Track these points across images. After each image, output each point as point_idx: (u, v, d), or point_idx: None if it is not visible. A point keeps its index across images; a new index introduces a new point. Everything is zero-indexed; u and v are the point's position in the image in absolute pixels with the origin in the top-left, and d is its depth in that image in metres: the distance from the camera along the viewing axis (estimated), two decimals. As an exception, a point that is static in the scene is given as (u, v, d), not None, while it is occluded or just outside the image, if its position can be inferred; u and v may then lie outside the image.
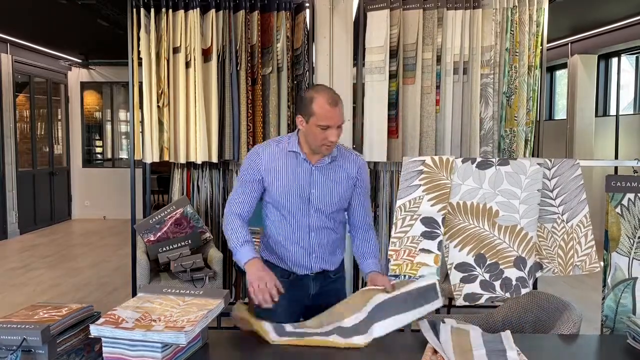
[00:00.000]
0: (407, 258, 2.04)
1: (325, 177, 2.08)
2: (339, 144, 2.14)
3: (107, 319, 1.54)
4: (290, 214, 2.09)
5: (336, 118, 1.94)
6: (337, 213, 2.13)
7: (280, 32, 3.91)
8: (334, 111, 1.93)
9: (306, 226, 2.09)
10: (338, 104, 1.96)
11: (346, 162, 2.13)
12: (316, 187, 2.07)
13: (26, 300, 4.75)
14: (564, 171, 2.04)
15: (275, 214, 2.12)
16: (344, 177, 2.10)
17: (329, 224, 2.11)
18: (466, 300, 2.00)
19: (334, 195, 2.09)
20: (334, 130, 1.95)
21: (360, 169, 2.14)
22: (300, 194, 2.06)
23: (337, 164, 2.11)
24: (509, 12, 3.73)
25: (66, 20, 6.56)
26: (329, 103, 1.94)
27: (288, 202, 2.07)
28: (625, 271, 1.96)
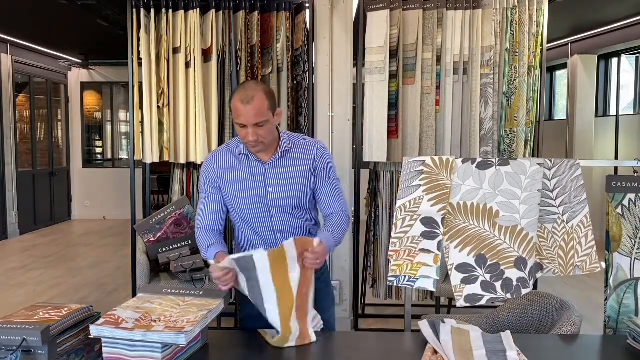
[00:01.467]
0: (407, 258, 2.04)
1: (280, 173, 2.00)
2: (295, 134, 2.09)
3: (107, 320, 1.54)
4: (252, 219, 2.03)
5: (248, 116, 1.84)
6: (302, 209, 2.05)
7: (280, 32, 3.91)
8: (244, 109, 1.84)
9: (270, 229, 2.03)
10: (251, 101, 1.84)
11: (301, 152, 2.03)
12: (272, 186, 1.99)
13: (26, 301, 4.75)
14: (564, 171, 2.04)
15: (239, 221, 2.07)
16: (301, 170, 2.01)
17: (295, 222, 2.04)
18: (467, 301, 2.00)
19: (293, 191, 2.00)
20: (250, 129, 1.86)
21: (315, 155, 2.03)
22: (257, 196, 1.99)
23: (291, 157, 2.01)
24: (509, 12, 3.73)
25: (66, 20, 6.56)
26: (241, 100, 1.86)
27: (247, 206, 2.01)
28: (627, 272, 1.96)
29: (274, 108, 1.94)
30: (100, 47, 8.34)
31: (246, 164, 2.00)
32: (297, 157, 2.02)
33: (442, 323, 1.78)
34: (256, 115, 1.85)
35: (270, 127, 1.92)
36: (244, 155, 2.00)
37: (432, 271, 2.01)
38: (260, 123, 1.87)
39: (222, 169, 2.02)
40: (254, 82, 2.02)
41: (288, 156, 2.01)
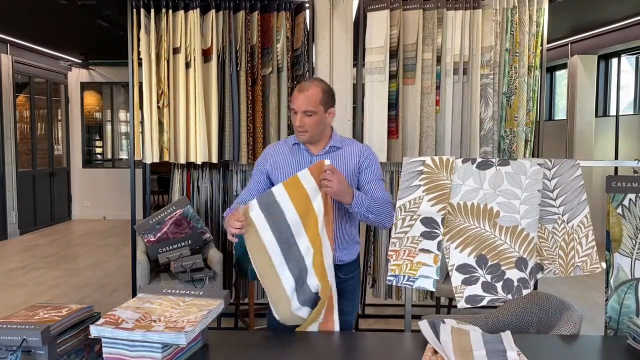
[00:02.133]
0: (406, 258, 2.04)
1: None
2: (347, 138, 2.26)
3: (107, 320, 1.54)
4: None
5: (299, 102, 2.05)
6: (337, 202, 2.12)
7: (280, 32, 3.91)
8: (298, 96, 2.06)
9: None
10: (305, 90, 2.06)
11: (349, 150, 2.18)
12: None
13: (26, 301, 4.75)
14: (565, 171, 2.04)
15: None
16: (347, 165, 2.14)
17: (336, 212, 2.11)
18: (468, 302, 1.99)
19: None
20: (299, 115, 2.06)
21: (362, 154, 2.17)
22: None
23: (339, 154, 2.16)
24: (509, 12, 3.73)
25: (66, 20, 6.57)
26: (298, 89, 2.09)
27: None
28: (628, 272, 1.96)
29: (328, 106, 2.13)
30: (100, 47, 8.35)
31: (297, 153, 2.19)
32: (346, 154, 2.18)
33: (442, 323, 1.78)
34: (306, 104, 2.05)
35: (317, 120, 2.09)
36: (297, 144, 2.19)
37: (431, 271, 2.00)
38: (308, 112, 2.06)
39: (275, 155, 2.21)
40: (319, 79, 2.21)
41: (337, 152, 2.17)
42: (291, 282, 1.94)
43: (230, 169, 4.16)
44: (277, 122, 3.96)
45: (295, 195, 1.92)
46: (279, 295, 1.94)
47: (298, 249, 1.94)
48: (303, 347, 1.75)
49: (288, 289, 1.93)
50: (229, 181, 4.17)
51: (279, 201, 1.91)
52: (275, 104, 3.93)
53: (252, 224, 1.91)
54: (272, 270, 1.94)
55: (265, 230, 1.92)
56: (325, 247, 1.94)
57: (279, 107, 3.96)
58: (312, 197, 1.92)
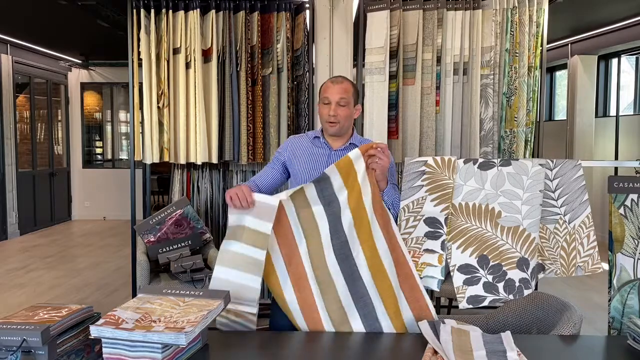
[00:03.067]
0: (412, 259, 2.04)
1: None
2: (367, 138, 2.32)
3: (107, 320, 1.54)
4: None
5: (333, 92, 2.13)
6: None
7: (280, 32, 3.91)
8: (332, 86, 2.15)
9: None
10: (340, 83, 2.15)
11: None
12: None
13: (26, 301, 4.75)
14: (566, 172, 2.04)
15: None
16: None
17: None
18: (470, 303, 1.99)
19: None
20: (333, 105, 2.12)
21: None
22: (318, 174, 2.11)
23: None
24: (509, 12, 3.73)
25: (66, 21, 6.56)
26: (331, 80, 2.19)
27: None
28: (631, 272, 1.96)
29: (356, 100, 2.21)
30: (101, 47, 8.35)
31: (317, 146, 2.25)
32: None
33: (442, 323, 1.78)
34: (341, 93, 2.13)
35: (348, 112, 2.17)
36: (317, 138, 2.26)
37: (436, 271, 2.01)
38: (342, 101, 2.13)
39: (295, 147, 2.29)
40: (345, 78, 2.27)
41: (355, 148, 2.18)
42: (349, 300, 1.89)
43: (230, 169, 4.15)
44: (277, 122, 3.96)
45: (348, 177, 1.91)
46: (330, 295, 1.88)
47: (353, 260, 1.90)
48: (303, 347, 1.74)
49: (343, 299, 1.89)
50: (229, 181, 4.16)
51: (332, 181, 1.91)
52: (275, 104, 3.93)
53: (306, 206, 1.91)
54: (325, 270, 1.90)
55: (318, 207, 1.92)
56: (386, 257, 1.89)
57: (279, 107, 3.96)
58: (362, 186, 1.92)
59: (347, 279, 1.87)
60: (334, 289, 1.87)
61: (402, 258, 1.89)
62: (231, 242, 1.87)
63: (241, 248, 1.86)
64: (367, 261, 1.86)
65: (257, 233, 1.86)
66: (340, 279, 1.87)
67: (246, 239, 1.85)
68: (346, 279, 1.87)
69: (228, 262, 1.86)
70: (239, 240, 1.86)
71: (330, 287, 1.88)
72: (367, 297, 1.86)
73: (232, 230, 1.88)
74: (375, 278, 1.86)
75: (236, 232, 1.87)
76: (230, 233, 1.88)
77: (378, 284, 1.86)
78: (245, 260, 1.85)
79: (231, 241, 1.87)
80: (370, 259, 1.87)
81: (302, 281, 1.88)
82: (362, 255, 1.87)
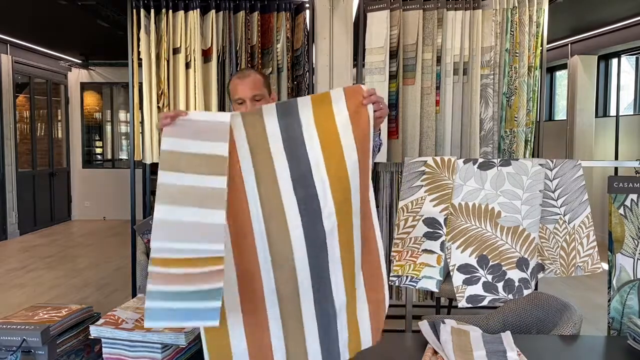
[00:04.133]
0: (409, 259, 2.04)
1: None
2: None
3: (107, 320, 1.54)
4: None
5: (245, 89, 1.89)
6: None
7: (280, 32, 3.91)
8: (241, 83, 1.92)
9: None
10: (247, 77, 1.93)
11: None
12: None
13: (26, 301, 4.75)
14: (566, 172, 2.04)
15: None
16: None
17: None
18: (469, 302, 2.00)
19: None
20: (249, 103, 1.89)
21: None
22: None
23: None
24: (509, 12, 3.73)
25: (66, 21, 6.56)
26: (237, 77, 1.96)
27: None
28: (630, 272, 1.96)
29: (269, 89, 2.00)
30: (100, 47, 8.35)
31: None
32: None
33: (442, 323, 1.78)
34: (252, 88, 1.91)
35: (266, 104, 1.81)
36: None
37: (435, 272, 2.01)
38: (256, 96, 1.91)
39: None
40: (250, 68, 2.04)
41: None
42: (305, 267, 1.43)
43: (230, 169, 4.15)
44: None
45: (322, 120, 1.48)
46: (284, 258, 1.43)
47: (320, 212, 1.44)
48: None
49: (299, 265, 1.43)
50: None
51: (300, 116, 1.47)
52: (276, 104, 3.93)
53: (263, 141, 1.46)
54: (281, 217, 1.44)
55: (278, 149, 1.47)
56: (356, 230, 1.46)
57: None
58: (341, 132, 1.47)
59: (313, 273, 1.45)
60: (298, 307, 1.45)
61: (372, 235, 1.52)
62: (174, 175, 1.38)
63: (191, 179, 1.39)
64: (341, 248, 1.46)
65: (211, 158, 1.41)
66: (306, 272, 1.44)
67: (198, 168, 1.39)
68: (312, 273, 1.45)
69: (175, 199, 1.37)
70: (188, 171, 1.39)
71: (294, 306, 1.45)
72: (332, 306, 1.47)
73: (172, 158, 1.39)
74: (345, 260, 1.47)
75: (178, 160, 1.39)
76: (170, 163, 1.39)
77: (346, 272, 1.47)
78: (200, 193, 1.38)
79: (174, 173, 1.38)
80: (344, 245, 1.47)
81: (256, 300, 1.43)
82: (337, 241, 1.46)
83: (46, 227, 8.72)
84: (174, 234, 1.35)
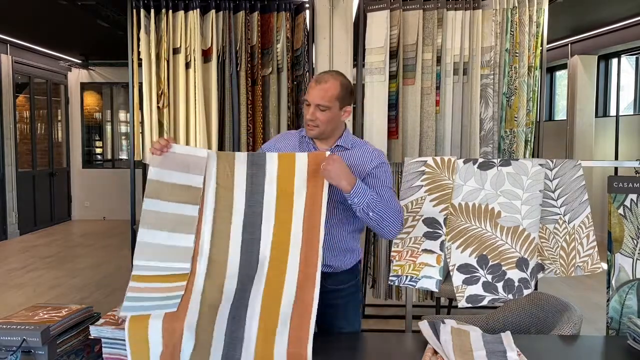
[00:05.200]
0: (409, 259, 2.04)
1: None
2: (360, 139, 2.07)
3: (107, 320, 1.54)
4: None
5: (314, 95, 1.91)
6: (344, 206, 1.89)
7: (280, 32, 3.91)
8: (314, 87, 1.92)
9: None
10: (323, 82, 1.91)
11: (359, 154, 1.97)
12: None
13: (26, 301, 4.74)
14: (566, 172, 2.04)
15: None
16: (353, 167, 1.91)
17: (336, 214, 1.91)
18: (469, 302, 2.00)
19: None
20: (312, 108, 1.91)
21: (372, 161, 1.94)
22: None
23: (346, 155, 1.95)
24: (509, 12, 3.73)
25: (66, 21, 6.56)
26: (315, 80, 1.95)
27: None
28: (630, 272, 1.96)
29: (344, 103, 1.96)
30: (100, 47, 8.35)
31: (303, 145, 2.02)
32: (355, 157, 1.96)
33: (442, 324, 1.78)
34: (321, 98, 1.90)
35: (331, 116, 1.92)
36: (304, 136, 2.03)
37: (434, 271, 2.00)
38: (322, 107, 1.90)
39: (284, 141, 2.08)
40: (339, 72, 2.02)
41: (344, 153, 1.96)
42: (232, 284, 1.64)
43: (230, 169, 4.15)
44: (277, 122, 3.96)
45: (284, 178, 1.74)
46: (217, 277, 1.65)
47: (258, 244, 1.70)
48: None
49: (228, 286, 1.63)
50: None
51: (266, 170, 1.74)
52: (275, 104, 3.93)
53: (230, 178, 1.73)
54: (225, 250, 1.69)
55: (240, 190, 1.73)
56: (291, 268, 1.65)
57: (279, 107, 3.96)
58: (296, 191, 1.73)
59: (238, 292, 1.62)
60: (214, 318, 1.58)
61: (310, 286, 1.64)
62: (155, 202, 1.68)
63: (170, 207, 1.68)
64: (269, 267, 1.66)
65: (186, 188, 1.68)
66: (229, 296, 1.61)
67: (174, 197, 1.68)
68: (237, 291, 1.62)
69: (155, 224, 1.67)
70: (165, 199, 1.67)
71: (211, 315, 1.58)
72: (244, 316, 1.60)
73: (154, 186, 1.69)
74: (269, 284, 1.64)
75: (160, 189, 1.68)
76: (152, 190, 1.69)
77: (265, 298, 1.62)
78: (176, 220, 1.67)
79: (155, 200, 1.68)
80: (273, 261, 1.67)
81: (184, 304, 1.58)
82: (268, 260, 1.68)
83: (46, 227, 8.72)
84: (151, 255, 1.63)
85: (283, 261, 1.67)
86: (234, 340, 1.55)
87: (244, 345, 1.54)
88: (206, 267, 1.66)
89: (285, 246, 1.68)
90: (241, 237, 1.70)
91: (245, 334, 1.55)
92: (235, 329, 1.56)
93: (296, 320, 1.59)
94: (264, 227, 1.70)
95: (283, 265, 1.66)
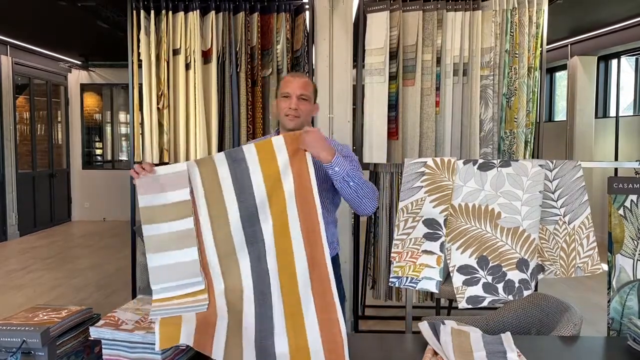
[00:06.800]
0: (409, 260, 2.04)
1: None
2: (332, 139, 2.12)
3: (106, 321, 1.54)
4: None
5: (294, 86, 2.05)
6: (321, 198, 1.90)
7: (280, 33, 3.91)
8: (293, 80, 2.08)
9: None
10: (298, 77, 2.09)
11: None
12: None
13: (26, 302, 4.74)
14: (566, 173, 2.04)
15: None
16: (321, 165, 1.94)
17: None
18: (469, 303, 1.99)
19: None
20: (294, 99, 2.04)
21: (345, 157, 1.99)
22: None
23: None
24: (509, 13, 3.73)
25: (66, 22, 6.57)
26: (291, 75, 2.14)
27: None
28: (630, 273, 1.96)
29: (315, 97, 2.15)
30: (100, 48, 8.35)
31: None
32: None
33: (442, 324, 1.78)
34: (302, 87, 2.06)
35: (309, 108, 2.09)
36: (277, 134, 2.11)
37: (434, 272, 2.00)
38: (303, 96, 2.06)
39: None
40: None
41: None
42: (249, 283, 1.70)
43: (230, 170, 4.15)
44: (277, 123, 3.95)
45: (266, 164, 1.74)
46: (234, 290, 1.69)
47: (261, 234, 1.72)
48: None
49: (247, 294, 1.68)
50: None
51: (248, 162, 1.74)
52: (275, 105, 3.93)
53: (216, 188, 1.73)
54: (232, 255, 1.72)
55: (229, 191, 1.73)
56: (298, 250, 1.69)
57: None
58: (282, 172, 1.74)
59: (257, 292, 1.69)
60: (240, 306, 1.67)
61: (321, 256, 1.70)
62: (152, 226, 1.70)
63: (166, 227, 1.71)
64: (278, 260, 1.70)
65: (177, 204, 1.71)
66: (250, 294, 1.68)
67: (167, 217, 1.71)
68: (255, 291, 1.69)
69: (157, 247, 1.70)
70: (161, 221, 1.71)
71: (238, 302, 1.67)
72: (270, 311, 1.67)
73: (146, 213, 1.72)
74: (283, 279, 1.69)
75: (153, 214, 1.72)
76: (146, 216, 1.72)
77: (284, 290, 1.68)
78: (175, 237, 1.70)
79: (151, 225, 1.70)
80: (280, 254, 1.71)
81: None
82: (274, 250, 1.72)
83: (46, 228, 8.72)
84: (166, 277, 1.67)
85: (287, 238, 1.71)
86: (262, 317, 1.65)
87: (274, 316, 1.64)
88: (221, 275, 1.70)
89: (286, 228, 1.72)
90: (243, 235, 1.72)
91: (275, 312, 1.65)
92: (263, 312, 1.65)
93: (317, 284, 1.65)
94: (261, 216, 1.73)
95: (288, 242, 1.71)
